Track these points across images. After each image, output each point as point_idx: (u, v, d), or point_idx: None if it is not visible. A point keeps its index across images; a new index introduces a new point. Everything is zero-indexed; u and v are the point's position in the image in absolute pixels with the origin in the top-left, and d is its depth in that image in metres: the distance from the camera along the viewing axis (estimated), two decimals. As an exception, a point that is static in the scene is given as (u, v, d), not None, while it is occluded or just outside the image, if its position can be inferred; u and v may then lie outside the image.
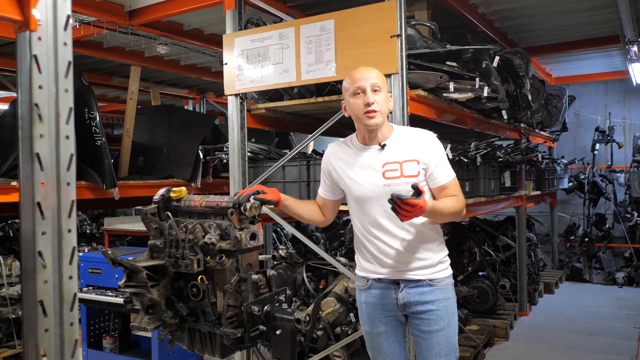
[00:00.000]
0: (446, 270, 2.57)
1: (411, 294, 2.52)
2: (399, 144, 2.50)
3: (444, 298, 2.52)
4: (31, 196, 1.22)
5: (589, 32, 6.28)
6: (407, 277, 2.52)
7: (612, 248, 8.60)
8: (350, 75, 2.51)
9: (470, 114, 4.45)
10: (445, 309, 2.52)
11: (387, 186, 2.44)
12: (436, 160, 2.47)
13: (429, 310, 2.50)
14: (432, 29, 4.02)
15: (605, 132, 8.63)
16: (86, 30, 5.01)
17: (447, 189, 2.48)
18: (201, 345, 2.37)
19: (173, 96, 8.89)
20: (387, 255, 2.52)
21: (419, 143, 2.49)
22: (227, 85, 4.03)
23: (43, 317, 1.23)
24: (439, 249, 2.57)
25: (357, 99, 2.45)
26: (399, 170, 2.45)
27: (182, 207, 2.48)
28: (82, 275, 4.47)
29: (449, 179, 2.49)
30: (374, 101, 2.41)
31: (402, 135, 2.53)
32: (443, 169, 2.49)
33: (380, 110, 2.42)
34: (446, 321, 2.52)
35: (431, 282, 2.51)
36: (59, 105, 1.28)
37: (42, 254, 1.23)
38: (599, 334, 5.60)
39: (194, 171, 5.88)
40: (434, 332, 2.51)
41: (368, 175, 2.50)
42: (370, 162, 2.51)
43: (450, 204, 2.42)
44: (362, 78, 2.45)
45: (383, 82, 2.49)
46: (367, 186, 2.50)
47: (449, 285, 2.57)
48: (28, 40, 1.23)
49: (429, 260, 2.52)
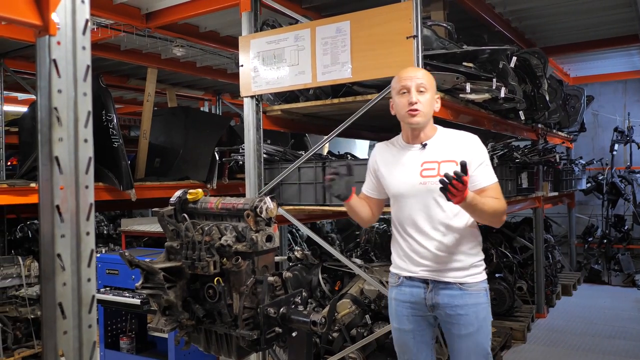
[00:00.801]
0: (479, 275, 2.55)
1: (440, 296, 2.52)
2: (440, 145, 2.54)
3: (473, 304, 2.50)
4: (50, 199, 1.23)
5: (607, 32, 6.20)
6: (437, 278, 2.52)
7: (632, 250, 8.48)
8: (398, 75, 2.56)
9: (487, 115, 4.42)
10: (475, 315, 2.50)
11: (423, 184, 2.49)
12: (477, 162, 2.46)
13: (457, 314, 2.49)
14: (449, 30, 3.99)
15: (624, 132, 8.51)
16: (104, 33, 5.07)
17: (486, 192, 2.46)
18: (217, 346, 2.38)
19: (189, 98, 8.94)
20: (419, 254, 2.54)
21: (460, 144, 2.51)
22: (243, 87, 4.04)
23: (62, 319, 1.24)
24: (474, 253, 2.55)
25: (402, 97, 2.50)
26: (437, 169, 2.47)
27: (198, 209, 2.49)
28: (100, 276, 4.51)
29: (489, 182, 2.48)
30: (417, 100, 2.46)
31: (444, 137, 2.57)
32: (484, 172, 2.48)
33: (423, 110, 2.47)
34: (475, 327, 2.50)
35: (462, 286, 2.50)
36: (77, 108, 1.29)
37: (61, 256, 1.24)
38: (618, 337, 5.52)
39: (210, 172, 5.90)
40: (463, 336, 2.51)
41: (406, 172, 2.55)
42: (410, 161, 2.56)
43: (491, 202, 2.40)
44: (408, 77, 2.49)
45: (430, 83, 2.53)
46: (404, 183, 2.55)
47: (481, 290, 2.54)
48: (47, 44, 1.24)
49: (461, 263, 2.51)
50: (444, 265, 2.50)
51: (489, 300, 2.58)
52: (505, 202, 2.49)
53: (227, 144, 6.17)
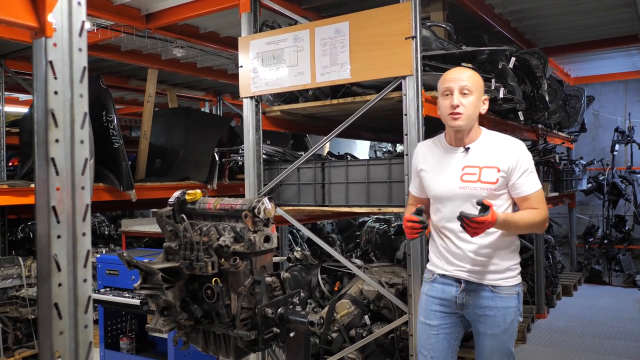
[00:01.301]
0: (512, 279, 2.55)
1: (471, 297, 2.55)
2: (483, 149, 2.51)
3: (503, 307, 2.51)
4: (46, 200, 1.24)
5: (607, 32, 6.20)
6: (470, 278, 2.54)
7: (632, 250, 8.48)
8: (443, 76, 2.55)
9: (487, 115, 4.41)
10: (503, 317, 2.51)
11: (463, 189, 2.49)
12: (520, 170, 2.45)
13: (486, 314, 2.52)
14: (448, 30, 4.00)
15: (625, 132, 8.50)
16: (104, 34, 5.08)
17: (528, 200, 2.45)
18: (215, 347, 2.38)
19: (190, 98, 8.95)
20: (455, 255, 2.56)
21: (504, 150, 2.48)
22: (243, 88, 4.05)
23: (58, 319, 1.25)
24: (509, 257, 2.56)
25: (445, 99, 2.50)
26: (477, 175, 2.48)
27: (196, 210, 2.50)
28: (100, 276, 4.52)
29: (531, 190, 2.46)
30: (459, 103, 2.44)
31: (488, 141, 2.54)
32: (527, 180, 2.46)
33: (466, 114, 2.45)
34: (502, 328, 2.52)
35: (494, 289, 2.51)
36: (74, 110, 1.30)
37: (57, 257, 1.25)
38: (618, 338, 5.52)
39: (210, 173, 5.91)
40: (489, 335, 2.53)
41: (447, 175, 2.55)
42: (451, 163, 2.55)
43: (527, 216, 2.41)
44: (452, 79, 2.49)
45: (476, 85, 2.49)
46: (444, 186, 2.55)
47: (513, 294, 2.53)
48: (44, 46, 1.25)
49: (496, 266, 2.52)
50: (479, 267, 2.52)
51: (520, 303, 2.58)
52: (546, 210, 2.47)
53: (227, 144, 6.18)
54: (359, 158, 5.12)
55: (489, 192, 2.45)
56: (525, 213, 2.43)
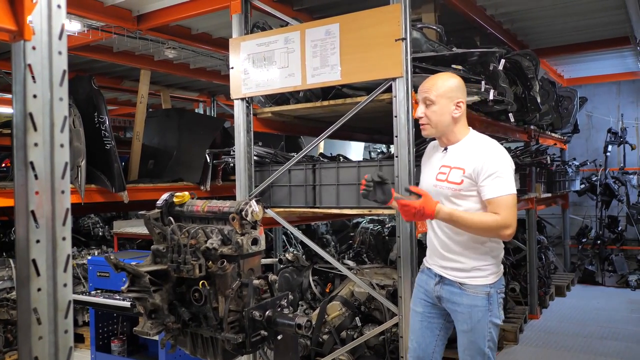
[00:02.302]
0: (480, 279, 2.58)
1: (444, 290, 2.67)
2: (459, 151, 2.63)
3: (469, 304, 2.58)
4: (25, 204, 1.23)
5: (600, 34, 6.22)
6: (442, 273, 2.68)
7: (625, 250, 8.50)
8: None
9: (478, 117, 4.42)
10: (469, 315, 2.58)
11: (435, 187, 2.66)
12: (486, 173, 2.47)
13: (455, 310, 2.64)
14: (438, 32, 4.00)
15: (618, 133, 8.52)
16: (94, 35, 5.07)
17: (491, 205, 2.47)
18: (203, 350, 2.38)
19: (184, 99, 8.93)
20: (432, 249, 2.74)
21: (473, 153, 2.55)
22: (234, 89, 4.05)
23: (37, 324, 1.24)
24: (479, 258, 2.59)
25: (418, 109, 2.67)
26: (447, 175, 2.61)
27: (185, 212, 2.49)
28: (91, 278, 4.51)
29: (493, 194, 2.46)
30: (422, 115, 2.62)
31: (468, 143, 2.63)
32: (491, 184, 2.46)
33: (430, 123, 2.61)
34: (470, 326, 2.59)
35: (461, 286, 2.61)
36: (53, 114, 1.29)
37: (36, 261, 1.24)
38: (610, 338, 5.53)
39: (204, 174, 5.89)
40: (460, 331, 2.65)
41: (429, 173, 2.75)
42: (434, 162, 2.74)
43: (478, 218, 2.45)
44: (420, 91, 2.65)
45: (440, 93, 2.59)
46: (425, 182, 2.76)
47: (480, 294, 2.57)
48: (22, 49, 1.25)
49: (463, 264, 2.61)
50: (448, 263, 2.65)
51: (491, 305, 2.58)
52: (507, 218, 2.42)
53: (221, 145, 6.16)
54: (352, 159, 5.12)
55: (453, 192, 2.57)
56: (477, 215, 2.48)
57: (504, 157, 2.54)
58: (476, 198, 2.55)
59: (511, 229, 2.45)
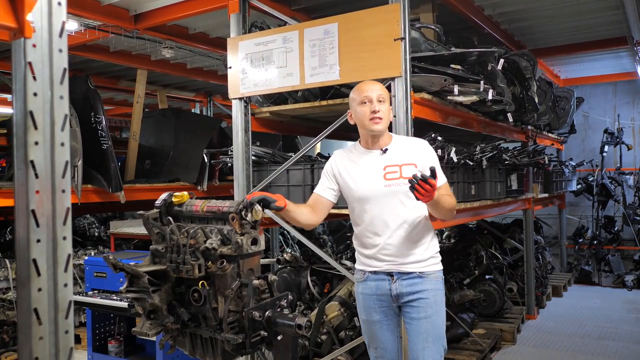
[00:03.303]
0: (437, 265, 2.81)
1: (403, 285, 2.74)
2: (398, 150, 2.76)
3: (433, 288, 2.74)
4: (25, 203, 1.22)
5: (597, 34, 6.24)
6: (400, 269, 2.75)
7: (622, 251, 8.53)
8: (357, 88, 2.78)
9: (476, 117, 4.42)
10: (434, 299, 2.74)
11: (388, 187, 2.71)
12: (432, 164, 2.61)
13: (419, 298, 2.73)
14: (437, 32, 4.00)
15: (614, 133, 8.55)
16: (91, 35, 5.05)
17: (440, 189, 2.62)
18: (202, 350, 2.36)
19: (180, 99, 8.91)
20: (384, 250, 2.75)
21: (417, 149, 2.77)
22: (232, 89, 4.04)
23: (37, 325, 1.23)
24: (431, 245, 2.81)
25: (364, 107, 2.71)
26: (399, 172, 2.70)
27: (184, 212, 2.47)
28: (88, 279, 4.48)
29: (442, 181, 2.70)
30: (379, 109, 2.68)
31: (400, 142, 2.81)
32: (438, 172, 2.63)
33: (384, 119, 2.71)
34: (434, 309, 2.73)
35: (421, 274, 2.74)
36: (54, 112, 1.27)
37: (36, 261, 1.22)
38: (607, 338, 5.54)
39: (201, 174, 5.88)
40: (422, 319, 2.72)
41: (370, 176, 2.74)
42: (372, 165, 2.75)
43: (449, 199, 2.66)
44: (368, 89, 2.72)
45: (386, 96, 2.76)
46: (369, 186, 2.73)
47: (439, 278, 2.80)
48: (22, 47, 1.23)
49: (422, 255, 2.75)
50: (407, 258, 2.73)
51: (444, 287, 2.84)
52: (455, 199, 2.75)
53: (218, 145, 6.15)
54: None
55: None
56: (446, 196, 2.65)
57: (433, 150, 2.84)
58: None
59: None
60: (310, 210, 2.88)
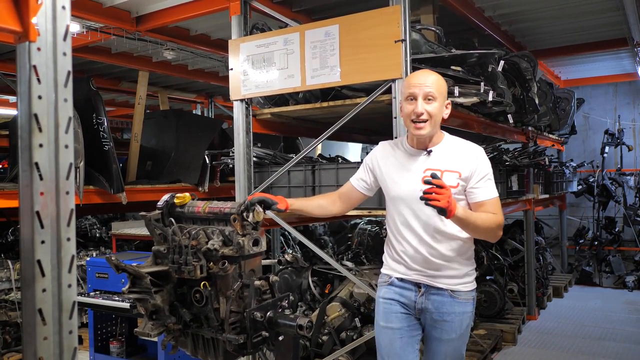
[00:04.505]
0: (470, 284, 2.56)
1: (430, 301, 2.52)
2: (445, 153, 2.49)
3: (461, 312, 2.51)
4: (30, 205, 1.23)
5: (597, 35, 6.25)
6: (430, 282, 2.52)
7: (622, 251, 8.53)
8: (408, 79, 2.49)
9: (477, 118, 4.43)
10: (460, 323, 2.52)
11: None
12: (479, 176, 2.43)
13: (443, 320, 2.51)
14: (437, 33, 4.01)
15: (615, 134, 8.56)
16: (93, 37, 5.06)
17: (484, 206, 2.42)
18: (204, 351, 2.37)
19: (181, 100, 8.93)
20: (413, 258, 2.52)
21: (465, 156, 2.47)
22: (233, 91, 4.05)
23: (42, 325, 1.24)
24: (467, 263, 2.56)
25: (409, 104, 2.43)
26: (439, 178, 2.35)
27: (185, 213, 2.49)
28: (89, 279, 4.50)
29: (489, 196, 2.43)
30: (423, 111, 2.38)
31: (450, 145, 2.52)
32: (484, 186, 2.44)
33: (430, 120, 2.40)
34: (458, 334, 2.52)
35: (453, 294, 2.50)
36: (58, 114, 1.29)
37: (41, 262, 1.24)
38: (608, 339, 5.55)
39: (202, 175, 5.89)
40: (444, 340, 2.52)
41: (409, 177, 2.51)
42: (413, 166, 2.51)
43: (486, 218, 2.36)
44: (417, 84, 2.41)
45: (440, 90, 2.44)
46: (405, 187, 2.50)
47: (470, 300, 2.55)
48: (27, 50, 1.24)
49: (456, 271, 2.51)
50: (438, 271, 2.50)
51: (474, 308, 2.60)
52: (502, 217, 2.44)
53: (219, 146, 6.16)
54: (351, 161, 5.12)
55: None
56: (482, 214, 2.38)
57: (488, 160, 2.53)
58: (464, 202, 2.46)
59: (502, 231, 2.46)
60: (329, 200, 2.74)
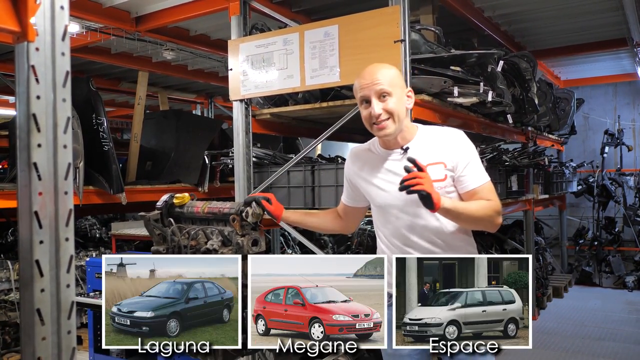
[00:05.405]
0: None
1: None
2: (423, 146, 2.22)
3: None
4: (28, 205, 1.23)
5: (597, 35, 6.25)
6: None
7: (622, 252, 8.52)
8: (357, 78, 2.23)
9: (476, 118, 4.43)
10: None
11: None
12: (465, 161, 2.18)
13: None
14: (437, 34, 4.01)
15: (615, 134, 8.56)
16: (93, 37, 5.06)
17: (478, 194, 2.18)
18: (204, 351, 2.37)
19: (181, 101, 8.93)
20: None
21: (446, 143, 2.20)
22: (232, 91, 4.05)
23: (40, 325, 1.24)
24: None
25: (364, 109, 2.19)
26: None
27: (185, 213, 2.49)
28: (89, 280, 4.49)
29: (480, 182, 2.18)
30: (380, 112, 2.13)
31: (427, 136, 2.25)
32: (473, 172, 2.19)
33: (392, 117, 2.14)
34: None
35: None
36: (56, 114, 1.29)
37: (39, 262, 1.24)
38: (608, 339, 5.55)
39: (202, 175, 5.88)
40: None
41: (391, 181, 2.23)
42: (392, 168, 2.25)
43: (477, 207, 2.13)
44: (365, 85, 2.16)
45: (393, 81, 2.16)
46: (388, 193, 2.25)
47: None
48: (26, 50, 1.25)
49: None
50: None
51: None
52: (499, 202, 2.20)
53: (218, 147, 6.16)
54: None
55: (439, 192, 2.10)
56: (474, 204, 2.14)
57: (470, 142, 2.26)
58: (455, 194, 2.23)
59: (501, 216, 2.23)
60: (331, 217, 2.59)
